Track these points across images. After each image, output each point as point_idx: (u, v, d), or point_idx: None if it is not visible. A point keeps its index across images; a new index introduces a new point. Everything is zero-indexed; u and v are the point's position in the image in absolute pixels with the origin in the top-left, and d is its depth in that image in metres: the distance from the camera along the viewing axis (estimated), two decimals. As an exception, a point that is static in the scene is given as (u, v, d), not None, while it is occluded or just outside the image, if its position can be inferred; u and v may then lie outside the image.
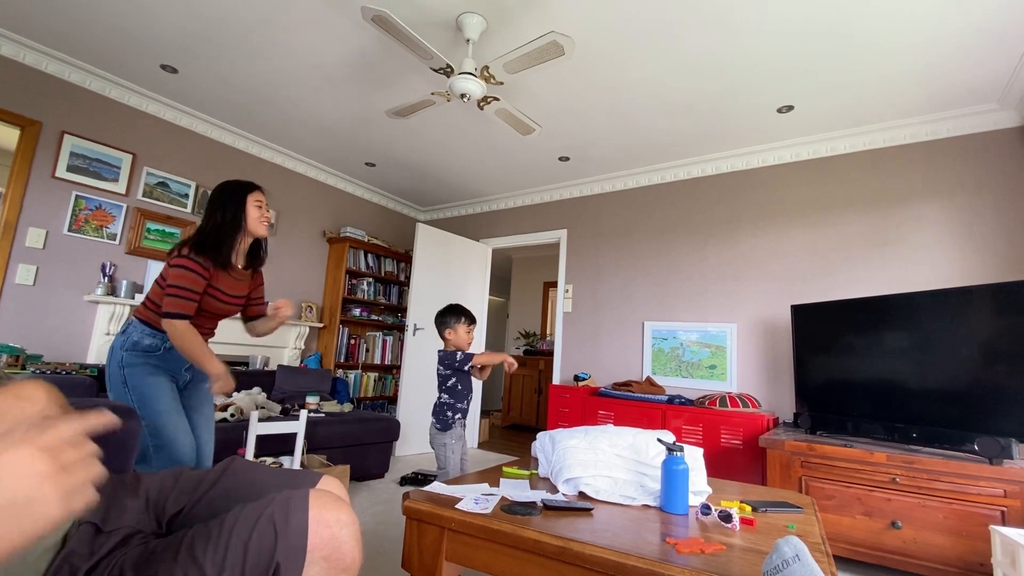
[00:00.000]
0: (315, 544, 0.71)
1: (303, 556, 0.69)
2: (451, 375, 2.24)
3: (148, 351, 1.66)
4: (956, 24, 2.22)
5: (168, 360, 1.69)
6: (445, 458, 2.15)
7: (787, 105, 2.97)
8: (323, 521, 0.73)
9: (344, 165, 4.46)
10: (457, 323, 2.31)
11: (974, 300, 2.19)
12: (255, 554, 0.69)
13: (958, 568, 1.94)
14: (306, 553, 0.70)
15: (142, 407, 1.60)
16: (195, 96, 3.38)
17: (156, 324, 1.66)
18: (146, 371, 1.65)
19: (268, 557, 0.69)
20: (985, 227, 2.80)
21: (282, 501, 0.74)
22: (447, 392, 2.24)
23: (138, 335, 1.66)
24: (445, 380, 2.26)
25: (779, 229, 3.44)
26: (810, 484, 2.29)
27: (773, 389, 3.29)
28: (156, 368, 1.67)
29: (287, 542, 0.69)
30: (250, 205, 1.79)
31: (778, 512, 1.41)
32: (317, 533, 0.72)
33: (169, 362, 1.70)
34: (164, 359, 1.69)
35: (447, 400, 2.22)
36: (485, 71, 2.42)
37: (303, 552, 0.69)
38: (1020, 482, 1.89)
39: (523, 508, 1.23)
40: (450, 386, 2.24)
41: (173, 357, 1.70)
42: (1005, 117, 2.80)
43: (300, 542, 0.70)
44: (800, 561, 0.80)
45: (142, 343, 1.65)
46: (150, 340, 1.66)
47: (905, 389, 2.35)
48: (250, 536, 0.70)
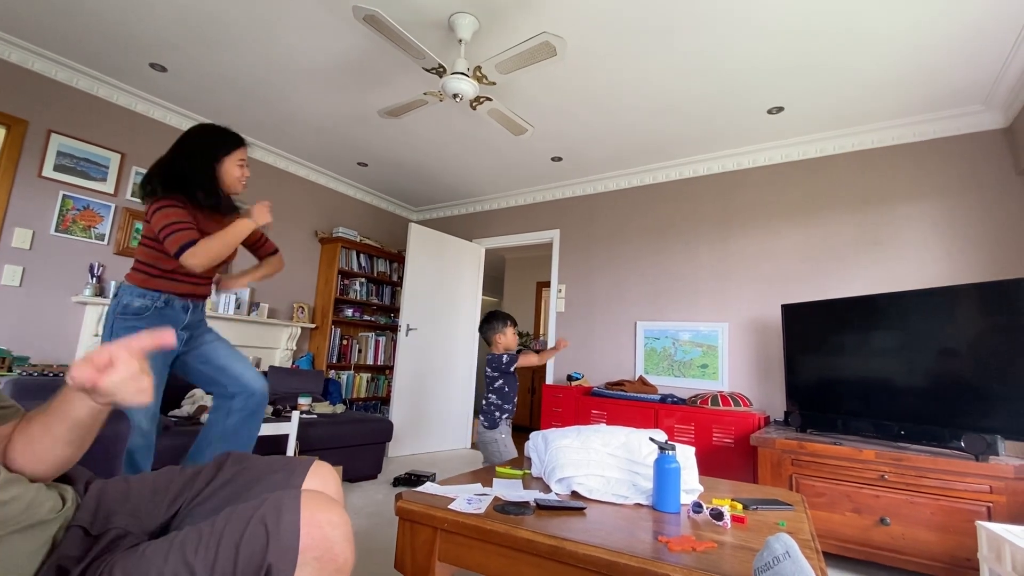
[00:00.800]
0: (307, 545, 0.71)
1: (295, 557, 0.69)
2: (498, 377, 2.37)
3: (139, 313, 1.59)
4: (942, 27, 2.25)
5: (162, 321, 1.62)
6: (496, 453, 2.28)
7: (777, 106, 3.00)
8: (315, 522, 0.72)
9: (336, 165, 4.44)
10: (505, 327, 2.47)
11: (960, 299, 2.22)
12: (247, 555, 0.69)
13: (945, 563, 1.97)
14: (298, 554, 0.69)
15: None
16: (185, 95, 3.35)
17: (145, 284, 1.61)
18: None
19: (260, 558, 0.69)
20: (971, 227, 2.84)
21: (274, 502, 0.73)
22: (495, 393, 2.36)
23: (128, 297, 1.60)
24: (492, 382, 2.38)
25: (769, 229, 3.47)
26: (800, 482, 2.31)
27: (764, 388, 3.31)
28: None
29: (279, 543, 0.69)
30: (232, 163, 1.73)
31: (769, 510, 1.42)
32: (309, 534, 0.71)
33: (162, 324, 1.60)
34: (157, 321, 1.61)
35: (495, 401, 2.35)
36: (477, 71, 2.42)
37: (295, 553, 0.69)
38: (1005, 478, 1.92)
39: (516, 508, 1.23)
40: (497, 387, 2.37)
41: (166, 318, 1.63)
42: (990, 119, 2.84)
43: (292, 543, 0.69)
44: (791, 558, 0.81)
45: (132, 305, 1.60)
46: (140, 301, 1.60)
47: (893, 387, 2.38)
48: (241, 537, 0.70)
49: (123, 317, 1.58)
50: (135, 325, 1.57)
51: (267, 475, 0.92)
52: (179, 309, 1.67)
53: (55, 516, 0.75)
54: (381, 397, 4.87)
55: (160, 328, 1.63)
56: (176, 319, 1.66)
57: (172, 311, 1.64)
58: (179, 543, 0.72)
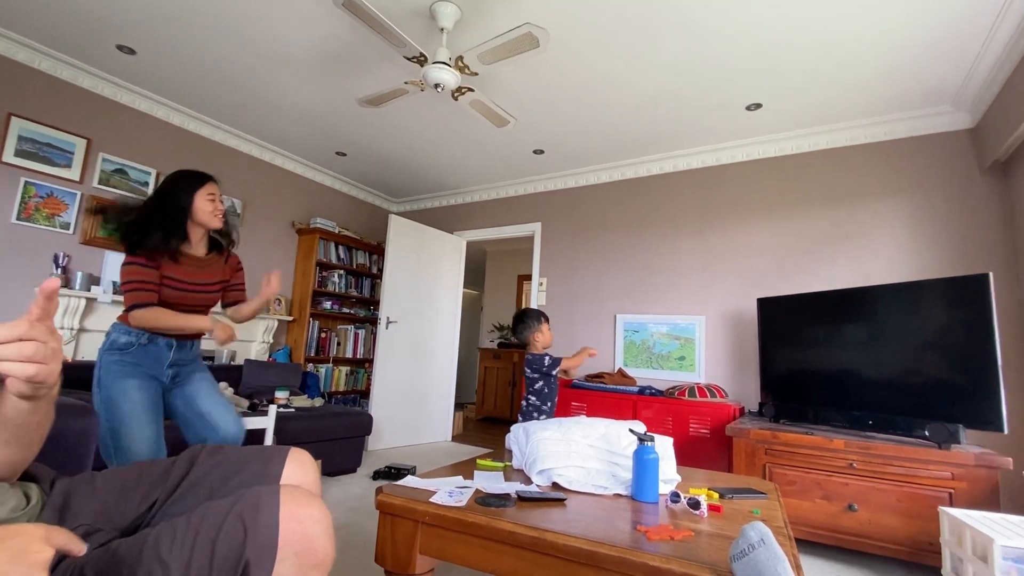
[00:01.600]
0: (286, 540, 0.70)
1: (273, 553, 0.68)
2: (539, 379, 2.33)
3: (124, 348, 1.67)
4: (914, 30, 2.31)
5: (146, 357, 1.69)
6: None
7: (755, 103, 3.04)
8: (294, 517, 0.71)
9: (314, 154, 4.36)
10: (540, 324, 2.43)
11: (925, 294, 2.30)
12: (223, 552, 0.67)
13: (909, 547, 2.05)
14: (277, 550, 0.68)
15: (106, 409, 1.61)
16: (155, 79, 3.23)
17: (130, 323, 1.67)
18: (120, 374, 1.65)
19: (237, 555, 0.67)
20: (937, 223, 2.94)
21: (251, 497, 0.72)
22: (534, 395, 2.32)
23: (115, 334, 1.68)
24: (532, 383, 2.34)
25: (747, 224, 3.53)
26: (773, 470, 2.38)
27: (739, 379, 3.39)
28: (133, 368, 1.67)
29: (256, 539, 0.68)
30: (201, 199, 1.77)
31: (743, 498, 1.46)
32: (288, 529, 0.70)
33: (147, 360, 1.70)
34: (141, 356, 1.69)
35: (535, 402, 2.31)
36: (459, 61, 2.39)
37: (273, 549, 0.68)
38: (966, 465, 2.00)
39: (497, 500, 1.23)
40: (537, 389, 2.33)
41: (150, 354, 1.70)
42: (958, 119, 2.93)
43: (270, 539, 0.68)
44: (765, 545, 0.83)
45: (118, 341, 1.67)
46: (125, 338, 1.68)
47: (862, 378, 2.46)
48: (218, 534, 0.69)
49: (109, 352, 1.67)
50: (121, 359, 1.66)
51: (243, 467, 0.90)
52: (163, 346, 1.74)
53: (19, 515, 0.72)
54: (360, 391, 4.83)
55: (144, 363, 1.67)
56: (160, 355, 1.73)
57: (156, 347, 1.72)
58: (153, 540, 0.70)
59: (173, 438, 1.73)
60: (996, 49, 2.37)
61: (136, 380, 1.66)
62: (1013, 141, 2.47)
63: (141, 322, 1.63)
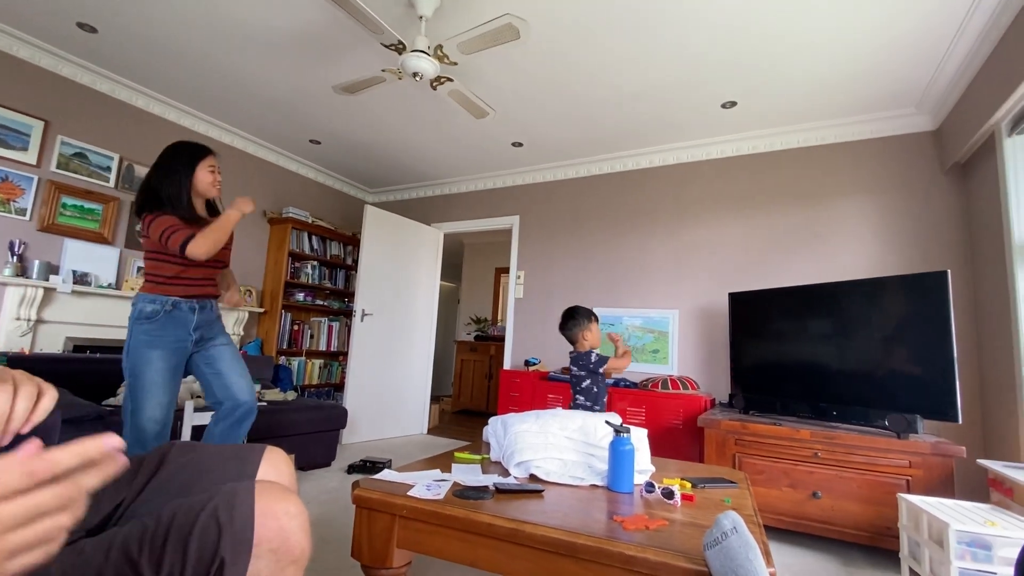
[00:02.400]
0: (262, 537, 0.68)
1: (249, 550, 0.66)
2: (585, 376, 2.27)
3: (151, 317, 1.78)
4: (882, 35, 2.38)
5: (171, 324, 1.81)
6: None
7: (731, 101, 3.09)
8: (270, 513, 0.70)
9: (287, 142, 4.24)
10: (591, 323, 2.38)
11: (887, 290, 2.39)
12: (196, 550, 0.66)
13: (869, 532, 2.14)
14: (252, 547, 0.67)
15: (131, 376, 1.76)
16: (118, 59, 3.09)
17: (154, 291, 1.80)
18: (146, 344, 1.77)
19: (211, 553, 0.66)
20: (901, 222, 3.05)
21: (226, 494, 0.70)
22: (583, 394, 2.25)
23: (141, 304, 1.79)
24: (579, 381, 2.27)
25: (720, 220, 3.60)
26: (743, 460, 2.45)
27: (711, 372, 3.47)
28: (159, 338, 1.79)
29: (232, 536, 0.66)
30: (203, 170, 1.90)
31: (715, 488, 1.50)
32: (264, 525, 0.69)
33: (172, 326, 1.82)
34: (167, 323, 1.81)
35: (584, 402, 2.24)
36: (439, 50, 2.36)
37: (249, 546, 0.67)
38: (923, 454, 2.10)
39: (475, 492, 1.24)
40: (585, 388, 2.26)
41: (175, 319, 1.82)
42: (921, 121, 3.04)
43: (246, 536, 0.67)
44: (737, 533, 0.86)
45: (145, 310, 1.78)
46: (151, 307, 1.79)
47: (827, 371, 2.55)
48: (191, 531, 0.67)
49: (139, 322, 1.78)
50: (149, 329, 1.78)
51: (218, 465, 0.88)
52: (186, 311, 1.85)
53: None
54: (334, 384, 4.76)
55: (170, 329, 1.78)
56: (184, 320, 1.85)
57: (180, 313, 1.84)
58: (121, 539, 0.68)
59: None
60: (959, 56, 2.46)
61: (159, 351, 1.79)
62: (972, 144, 2.57)
63: (199, 250, 1.74)
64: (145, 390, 1.76)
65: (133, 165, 3.43)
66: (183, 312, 1.84)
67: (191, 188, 1.87)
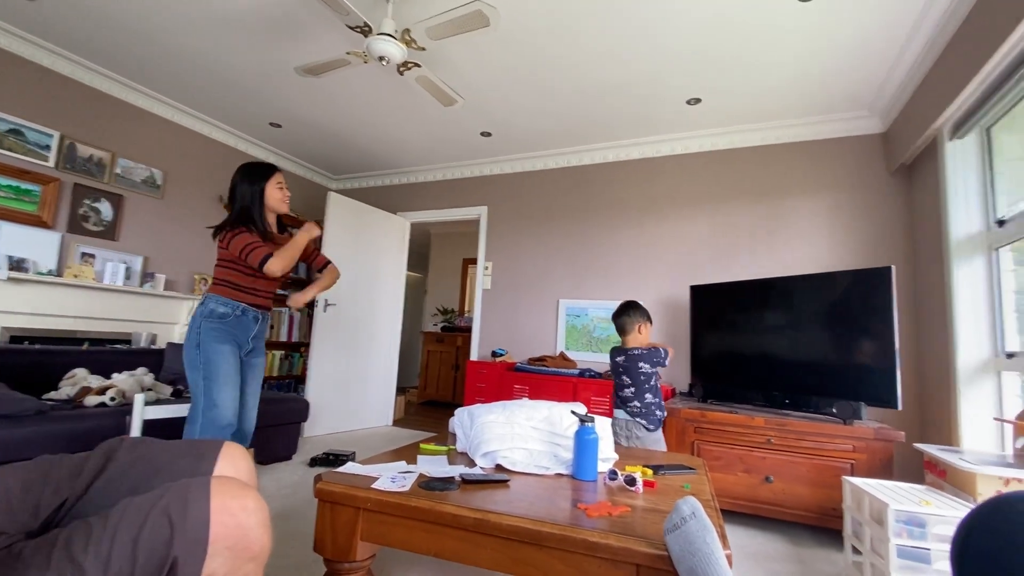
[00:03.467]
0: (218, 535, 0.66)
1: (204, 549, 0.64)
2: (653, 374, 2.32)
3: (223, 318, 1.95)
4: (839, 36, 2.47)
5: (238, 327, 1.99)
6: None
7: (695, 98, 3.16)
8: (227, 510, 0.68)
9: (245, 124, 4.07)
10: (647, 321, 2.41)
11: (836, 284, 2.51)
12: (147, 550, 0.63)
13: (817, 513, 2.26)
14: (207, 545, 0.65)
15: (206, 369, 1.88)
16: (60, 30, 2.87)
17: (228, 295, 1.97)
18: (218, 339, 1.92)
19: (163, 552, 0.63)
20: (850, 220, 3.20)
21: (179, 491, 0.68)
22: (651, 392, 2.31)
23: (214, 304, 1.95)
24: (649, 379, 2.31)
25: (683, 214, 3.69)
26: (701, 447, 2.54)
27: (673, 362, 3.56)
28: (227, 335, 1.95)
29: (185, 535, 0.64)
30: (272, 187, 2.08)
31: (675, 474, 1.55)
32: (220, 523, 0.67)
33: (239, 329, 1.99)
34: (235, 325, 1.98)
35: (653, 400, 2.30)
36: (406, 34, 2.31)
37: (204, 545, 0.64)
38: (866, 439, 2.23)
39: (441, 484, 1.23)
40: (653, 384, 2.32)
41: (241, 324, 2.00)
42: (873, 123, 3.19)
43: (200, 534, 0.64)
44: (696, 518, 0.89)
45: (217, 311, 1.95)
46: (223, 308, 1.96)
47: (780, 361, 2.66)
48: (140, 531, 0.64)
49: (209, 320, 1.93)
50: (220, 327, 1.94)
51: (171, 463, 0.84)
52: (251, 319, 2.05)
53: None
54: (296, 376, 4.65)
55: (236, 332, 2.01)
56: (248, 327, 2.04)
57: (246, 319, 2.02)
58: (64, 540, 0.64)
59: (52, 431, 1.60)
60: (907, 62, 2.59)
61: (229, 346, 1.94)
62: (917, 147, 2.72)
63: (276, 267, 1.93)
64: (221, 382, 1.88)
65: (76, 144, 3.21)
66: (248, 319, 2.02)
67: (263, 206, 2.06)
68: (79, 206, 3.23)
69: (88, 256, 3.26)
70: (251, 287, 2.04)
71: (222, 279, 2.00)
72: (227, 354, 1.92)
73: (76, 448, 2.01)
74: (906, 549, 1.49)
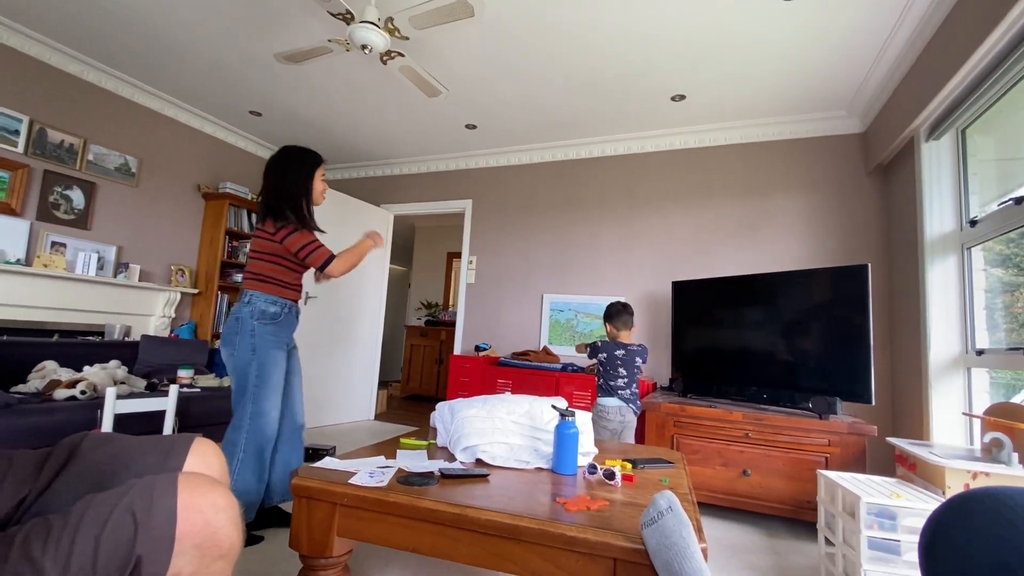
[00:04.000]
0: (185, 532, 0.64)
1: (170, 547, 0.62)
2: (641, 366, 2.55)
3: (275, 318, 1.89)
4: (819, 39, 2.50)
5: (286, 326, 1.95)
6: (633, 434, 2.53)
7: (680, 94, 3.17)
8: (195, 507, 0.66)
9: (224, 112, 3.98)
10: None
11: (814, 281, 2.55)
12: (109, 548, 0.61)
13: (792, 506, 2.31)
14: (174, 543, 0.63)
15: (259, 375, 1.82)
16: (28, 10, 2.76)
17: (276, 293, 1.90)
18: (274, 344, 1.88)
19: (126, 551, 0.61)
20: (829, 218, 3.26)
21: (144, 488, 0.65)
22: (636, 383, 2.53)
23: (263, 304, 1.87)
24: (640, 371, 2.55)
25: (666, 211, 3.71)
26: (680, 441, 2.57)
27: (655, 357, 3.60)
28: (280, 339, 1.90)
29: (149, 533, 0.62)
30: (318, 180, 2.01)
31: (654, 468, 1.56)
32: (188, 520, 0.65)
33: (287, 328, 1.95)
34: (284, 325, 1.93)
35: (636, 388, 2.54)
36: (389, 23, 2.27)
37: (170, 543, 0.62)
38: (841, 433, 2.27)
39: (420, 479, 1.22)
40: (637, 377, 2.53)
41: (290, 324, 1.96)
42: (851, 124, 3.24)
43: (166, 532, 0.62)
44: (673, 512, 0.89)
45: (269, 311, 1.88)
46: (274, 308, 1.89)
47: (759, 356, 2.70)
48: (103, 528, 0.62)
49: (262, 321, 1.86)
50: (274, 330, 1.89)
51: (138, 459, 0.81)
52: (294, 315, 2.00)
53: None
54: (276, 368, 4.57)
55: (285, 332, 1.95)
56: (293, 324, 1.99)
57: (292, 317, 1.98)
58: (22, 538, 0.61)
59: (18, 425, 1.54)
60: (886, 64, 2.63)
61: (282, 352, 1.91)
62: (894, 147, 2.77)
63: (339, 270, 1.90)
64: (271, 391, 1.84)
65: (46, 129, 3.10)
66: (293, 316, 1.98)
67: (311, 199, 1.99)
68: (49, 193, 3.12)
69: (59, 245, 3.16)
70: (296, 283, 1.99)
71: (268, 275, 1.90)
72: (280, 361, 1.89)
73: (44, 443, 1.95)
74: (877, 540, 1.52)
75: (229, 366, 1.86)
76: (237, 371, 1.83)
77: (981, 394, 2.28)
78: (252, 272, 1.91)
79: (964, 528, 0.54)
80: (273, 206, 1.89)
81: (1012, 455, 1.61)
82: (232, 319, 1.88)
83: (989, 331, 2.27)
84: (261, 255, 1.91)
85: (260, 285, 1.89)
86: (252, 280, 1.90)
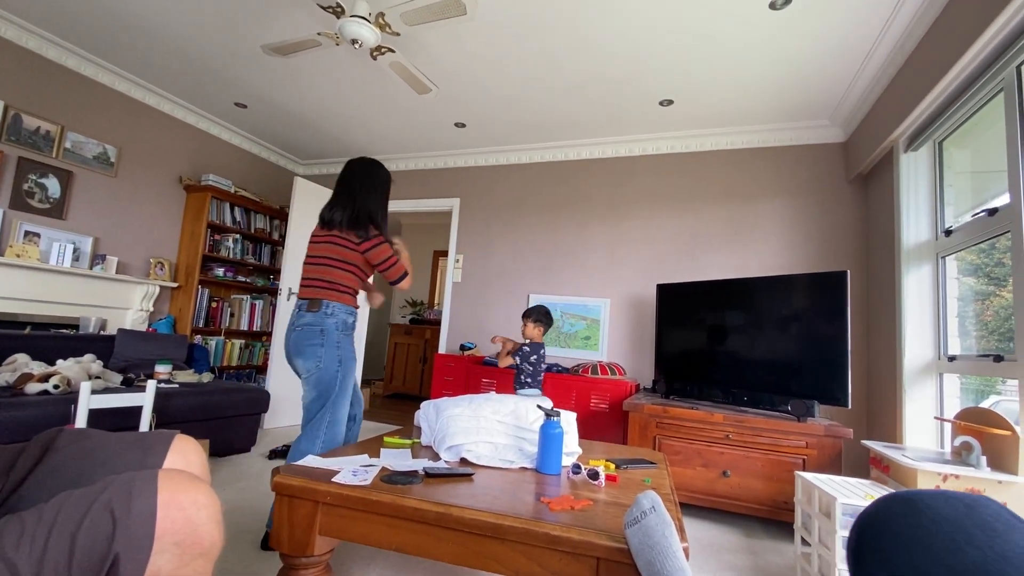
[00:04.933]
0: (165, 530, 0.63)
1: (148, 545, 0.61)
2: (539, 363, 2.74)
3: (353, 328, 1.94)
4: (804, 48, 2.55)
5: (354, 332, 1.96)
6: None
7: (668, 99, 3.20)
8: (175, 504, 0.65)
9: (208, 103, 3.90)
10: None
11: (794, 286, 2.60)
12: (86, 546, 0.59)
13: (770, 507, 2.35)
14: (153, 541, 0.62)
15: (342, 386, 1.84)
16: None
17: (350, 303, 1.92)
18: (352, 353, 1.90)
19: (103, 548, 0.60)
20: (809, 225, 3.32)
21: (123, 484, 0.64)
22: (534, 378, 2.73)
23: (344, 315, 1.88)
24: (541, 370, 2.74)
25: (652, 214, 3.75)
26: (663, 442, 2.59)
27: (638, 358, 3.63)
28: (354, 348, 1.92)
29: (128, 530, 0.61)
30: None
31: (637, 468, 1.58)
32: (168, 517, 0.64)
33: (353, 335, 1.96)
34: (353, 332, 1.95)
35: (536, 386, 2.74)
36: (380, 18, 2.25)
37: (149, 540, 0.61)
38: (817, 435, 2.32)
39: (404, 477, 1.22)
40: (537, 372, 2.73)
41: (355, 327, 1.99)
42: (833, 133, 3.31)
43: (145, 530, 0.61)
44: (655, 512, 0.90)
45: (348, 322, 1.91)
46: (351, 318, 1.93)
47: (740, 360, 2.74)
48: (79, 525, 0.60)
49: (345, 333, 1.89)
50: (350, 337, 1.92)
51: (116, 455, 0.79)
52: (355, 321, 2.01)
53: None
54: (256, 365, 4.51)
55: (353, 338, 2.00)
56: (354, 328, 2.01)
57: (357, 322, 2.03)
58: (-8, 536, 0.60)
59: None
60: (868, 75, 2.69)
61: (356, 362, 1.93)
62: (874, 157, 2.84)
63: (407, 285, 2.00)
64: (346, 399, 1.86)
65: (21, 115, 3.01)
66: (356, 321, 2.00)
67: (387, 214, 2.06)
68: (23, 181, 3.03)
69: (33, 235, 3.07)
70: (358, 291, 2.00)
71: (345, 285, 1.90)
72: (354, 371, 1.93)
73: (15, 439, 1.90)
74: (851, 540, 1.56)
75: (312, 378, 1.82)
76: (322, 383, 1.81)
77: (952, 399, 2.35)
78: (328, 281, 1.88)
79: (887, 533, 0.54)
80: (361, 217, 1.90)
81: (980, 458, 1.66)
82: (313, 330, 1.82)
83: (960, 338, 2.34)
84: (338, 263, 1.88)
85: (340, 296, 1.88)
86: (329, 290, 1.87)
